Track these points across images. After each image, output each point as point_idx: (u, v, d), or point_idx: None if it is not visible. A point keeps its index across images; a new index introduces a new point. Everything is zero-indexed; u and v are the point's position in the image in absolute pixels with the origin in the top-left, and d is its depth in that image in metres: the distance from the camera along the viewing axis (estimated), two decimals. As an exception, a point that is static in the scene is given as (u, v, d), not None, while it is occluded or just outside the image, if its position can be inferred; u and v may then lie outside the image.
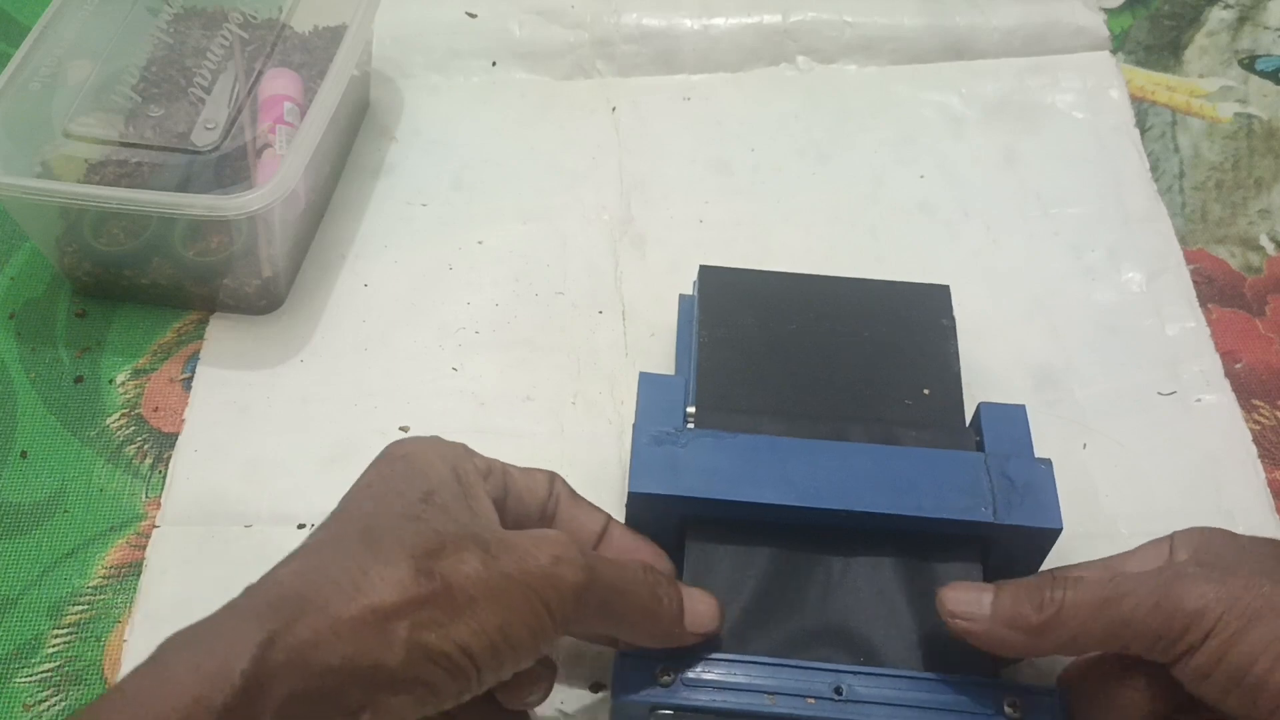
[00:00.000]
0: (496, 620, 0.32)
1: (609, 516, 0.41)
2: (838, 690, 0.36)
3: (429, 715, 0.32)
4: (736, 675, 0.37)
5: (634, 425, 0.42)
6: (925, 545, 0.40)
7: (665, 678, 0.37)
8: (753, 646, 0.39)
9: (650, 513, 0.41)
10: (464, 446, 0.37)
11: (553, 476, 0.40)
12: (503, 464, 0.38)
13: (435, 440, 0.37)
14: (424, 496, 0.34)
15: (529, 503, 0.38)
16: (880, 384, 0.45)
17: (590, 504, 0.41)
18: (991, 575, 0.41)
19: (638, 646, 0.37)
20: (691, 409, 0.43)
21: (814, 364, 0.46)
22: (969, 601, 0.36)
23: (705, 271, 0.49)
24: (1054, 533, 0.40)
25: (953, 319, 0.47)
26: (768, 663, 0.37)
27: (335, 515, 0.35)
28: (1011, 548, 0.40)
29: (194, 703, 0.28)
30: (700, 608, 0.37)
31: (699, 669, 0.37)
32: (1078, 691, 0.37)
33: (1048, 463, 0.41)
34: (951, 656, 0.38)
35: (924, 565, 0.40)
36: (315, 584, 0.31)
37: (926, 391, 0.45)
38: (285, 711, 0.29)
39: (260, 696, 0.28)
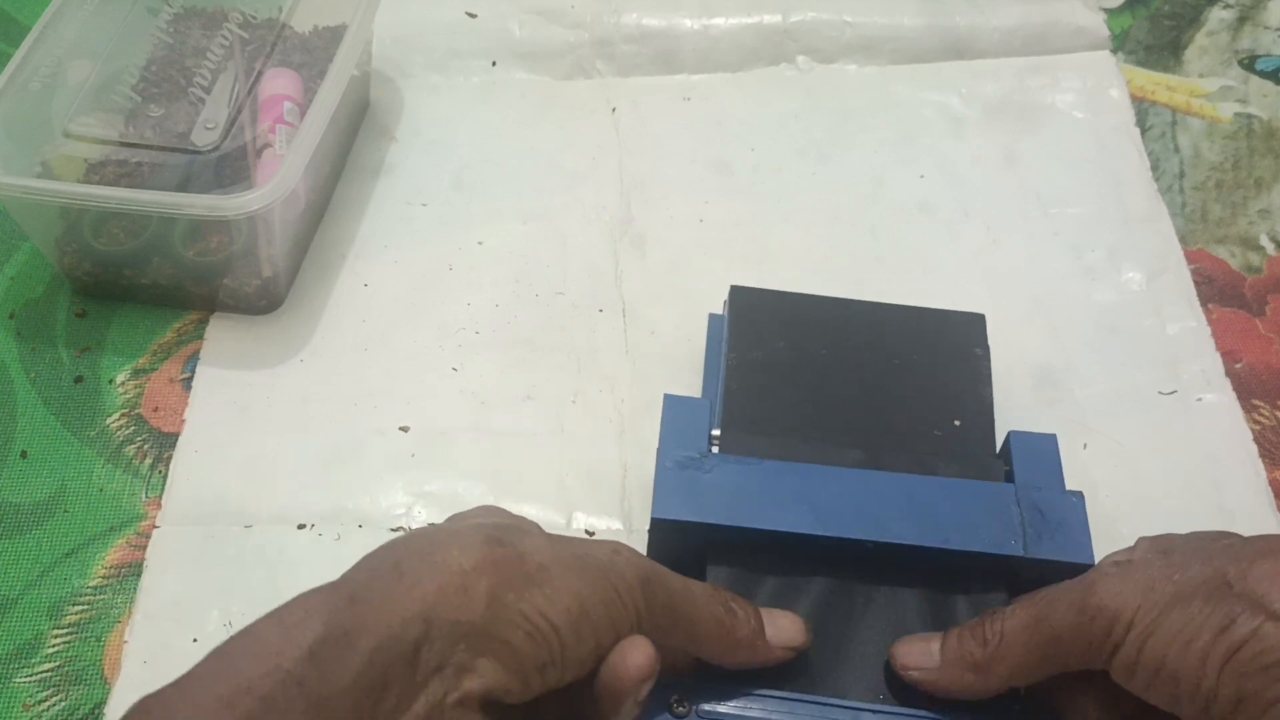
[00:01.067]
0: (571, 589, 0.32)
1: None
2: None
3: (515, 701, 0.32)
4: (752, 709, 0.36)
5: (658, 449, 0.41)
6: (952, 578, 0.40)
7: (680, 707, 0.36)
8: (770, 676, 0.38)
9: (673, 538, 0.40)
10: None
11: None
12: None
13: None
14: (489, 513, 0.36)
15: None
16: (910, 413, 0.44)
17: None
18: None
19: (731, 667, 0.37)
20: (716, 431, 0.43)
21: (843, 390, 0.45)
22: (919, 653, 0.37)
23: (736, 292, 0.48)
24: (1085, 568, 0.38)
25: (987, 348, 0.47)
26: (784, 697, 0.37)
27: None
28: (1041, 582, 0.39)
29: (280, 651, 0.28)
30: (782, 623, 0.37)
31: (715, 700, 0.36)
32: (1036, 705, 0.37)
33: (1079, 495, 0.40)
34: (973, 701, 0.38)
35: (950, 598, 0.39)
36: (388, 560, 0.32)
37: (957, 422, 0.44)
38: (374, 661, 0.29)
39: (346, 645, 0.29)
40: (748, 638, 0.36)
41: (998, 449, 0.44)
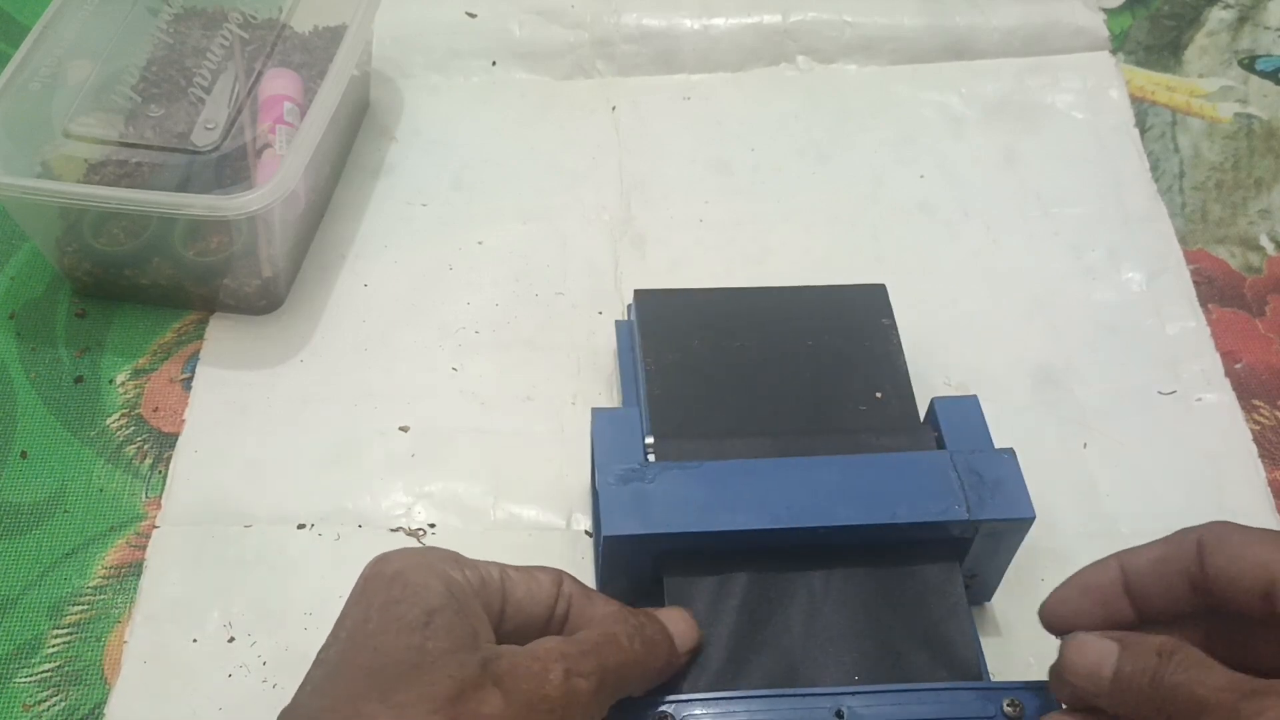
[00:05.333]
0: None
1: (620, 604, 0.38)
2: (839, 714, 0.36)
3: None
4: (736, 713, 0.36)
5: (595, 465, 0.41)
6: (901, 551, 0.40)
7: None
8: (747, 678, 0.38)
9: (625, 554, 0.40)
10: (454, 556, 0.35)
11: (559, 578, 0.37)
12: (500, 569, 0.36)
13: (424, 553, 0.35)
14: (425, 621, 0.32)
15: (531, 610, 0.36)
16: (832, 392, 0.45)
17: (602, 597, 0.38)
18: (969, 570, 0.42)
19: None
20: (650, 440, 0.43)
21: (764, 379, 0.46)
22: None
23: (640, 295, 0.49)
24: (1028, 522, 0.40)
25: (893, 318, 0.48)
26: (765, 695, 0.37)
27: (339, 649, 0.33)
28: (987, 542, 0.41)
29: None
30: (682, 628, 0.38)
31: (698, 710, 0.36)
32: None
33: (1011, 452, 0.41)
34: (941, 661, 0.39)
35: (902, 571, 0.40)
36: None
37: (879, 395, 0.45)
38: None
39: None
40: (666, 665, 0.37)
41: (921, 416, 0.45)
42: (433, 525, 0.48)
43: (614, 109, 0.64)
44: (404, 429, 0.51)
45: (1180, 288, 0.56)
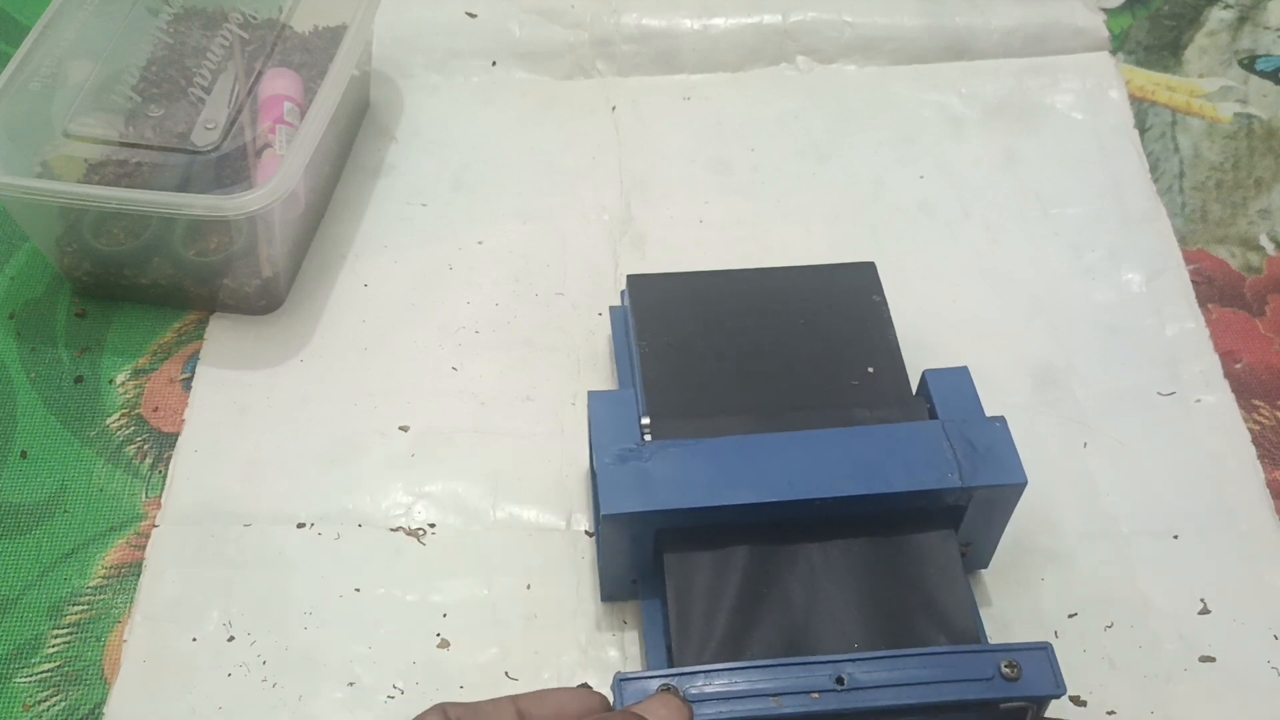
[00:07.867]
0: None
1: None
2: (839, 680, 0.37)
3: None
4: (739, 683, 0.37)
5: (592, 446, 0.42)
6: (897, 521, 0.41)
7: (667, 694, 0.36)
8: (748, 650, 0.39)
9: (625, 533, 0.41)
10: None
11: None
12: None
13: None
14: None
15: None
16: (825, 368, 0.46)
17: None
18: (965, 538, 0.42)
19: None
20: (646, 420, 0.43)
21: (757, 358, 0.46)
22: None
23: (633, 280, 0.49)
24: (1019, 487, 0.41)
25: (883, 294, 0.48)
26: (767, 665, 0.37)
27: None
28: (981, 508, 0.41)
29: None
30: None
31: (700, 683, 0.37)
32: None
33: (1002, 420, 0.42)
34: (939, 626, 0.39)
35: (899, 540, 0.41)
36: None
37: (871, 369, 0.46)
38: None
39: None
40: None
41: (914, 390, 0.45)
42: (432, 525, 0.48)
43: (614, 109, 0.64)
44: (404, 429, 0.51)
45: (1180, 288, 0.56)
